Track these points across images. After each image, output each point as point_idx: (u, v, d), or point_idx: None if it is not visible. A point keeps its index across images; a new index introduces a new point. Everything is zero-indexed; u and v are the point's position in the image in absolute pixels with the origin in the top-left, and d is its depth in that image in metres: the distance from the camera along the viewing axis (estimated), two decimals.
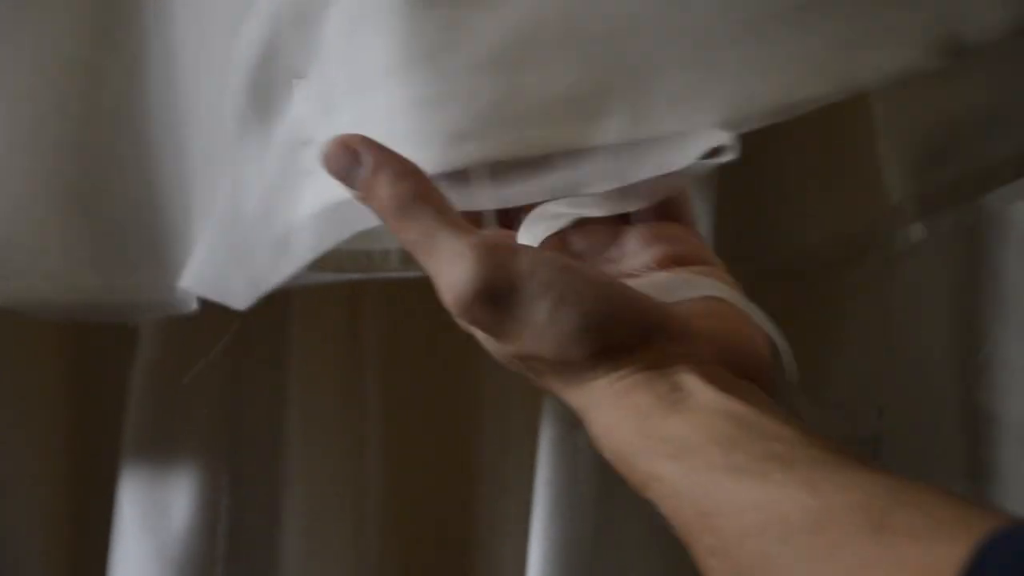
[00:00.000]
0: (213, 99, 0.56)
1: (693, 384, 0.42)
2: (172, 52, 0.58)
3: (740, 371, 0.44)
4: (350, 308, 0.68)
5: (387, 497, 0.72)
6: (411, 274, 0.55)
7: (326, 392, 0.68)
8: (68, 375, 0.73)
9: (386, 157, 0.45)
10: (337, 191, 0.47)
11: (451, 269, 0.43)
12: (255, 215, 0.53)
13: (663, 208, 0.49)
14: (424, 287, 0.56)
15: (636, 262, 0.48)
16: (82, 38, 0.58)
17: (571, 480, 0.65)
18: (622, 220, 0.50)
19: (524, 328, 0.43)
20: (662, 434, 0.41)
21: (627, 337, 0.43)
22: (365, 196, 0.45)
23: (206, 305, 0.59)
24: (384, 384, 0.71)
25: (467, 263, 0.43)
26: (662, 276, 0.47)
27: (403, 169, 0.45)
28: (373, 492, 0.71)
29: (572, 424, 0.64)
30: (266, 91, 0.52)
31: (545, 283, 0.42)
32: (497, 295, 0.42)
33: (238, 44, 0.52)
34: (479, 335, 0.46)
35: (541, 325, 0.42)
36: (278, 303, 0.64)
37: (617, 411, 0.43)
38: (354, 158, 0.45)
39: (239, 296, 0.55)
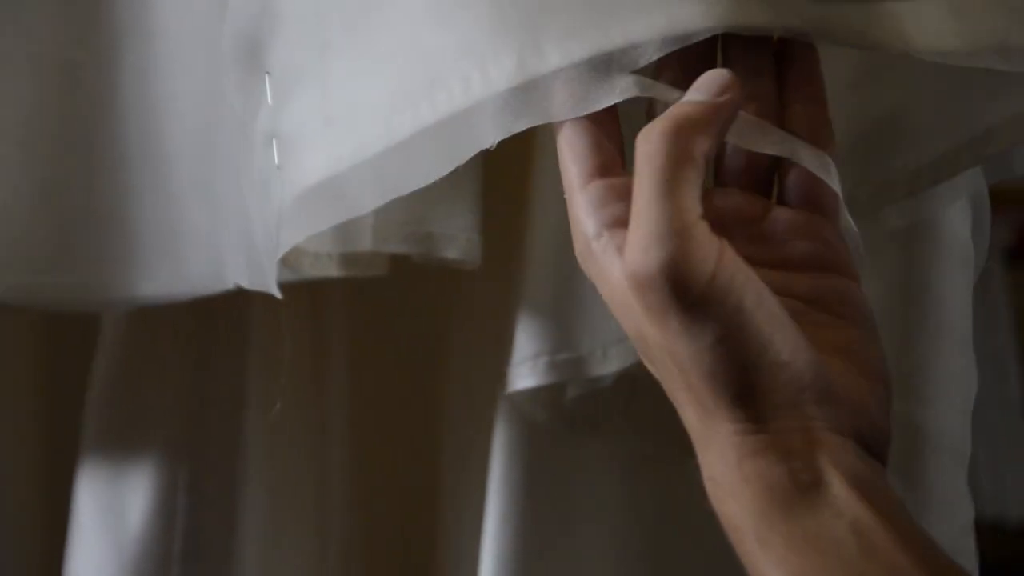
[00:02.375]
0: (198, 90, 0.57)
1: (828, 472, 0.41)
2: (149, 43, 0.58)
3: (867, 445, 0.43)
4: (313, 306, 0.69)
5: (349, 497, 0.72)
6: (335, 275, 0.56)
7: (286, 392, 0.67)
8: (35, 369, 0.73)
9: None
10: (300, 184, 0.48)
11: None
12: (255, 208, 0.53)
13: (813, 196, 0.47)
14: (388, 281, 0.58)
15: (780, 252, 0.46)
16: (56, 35, 0.58)
17: (525, 484, 0.65)
18: (769, 195, 0.48)
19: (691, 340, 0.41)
20: (786, 528, 0.40)
21: (778, 391, 0.41)
22: None
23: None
24: (346, 386, 0.71)
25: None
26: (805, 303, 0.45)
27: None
28: (335, 492, 0.71)
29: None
30: (249, 87, 0.52)
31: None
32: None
33: (223, 42, 0.52)
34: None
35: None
36: (240, 300, 0.64)
37: (739, 471, 0.41)
38: None
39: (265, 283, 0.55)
